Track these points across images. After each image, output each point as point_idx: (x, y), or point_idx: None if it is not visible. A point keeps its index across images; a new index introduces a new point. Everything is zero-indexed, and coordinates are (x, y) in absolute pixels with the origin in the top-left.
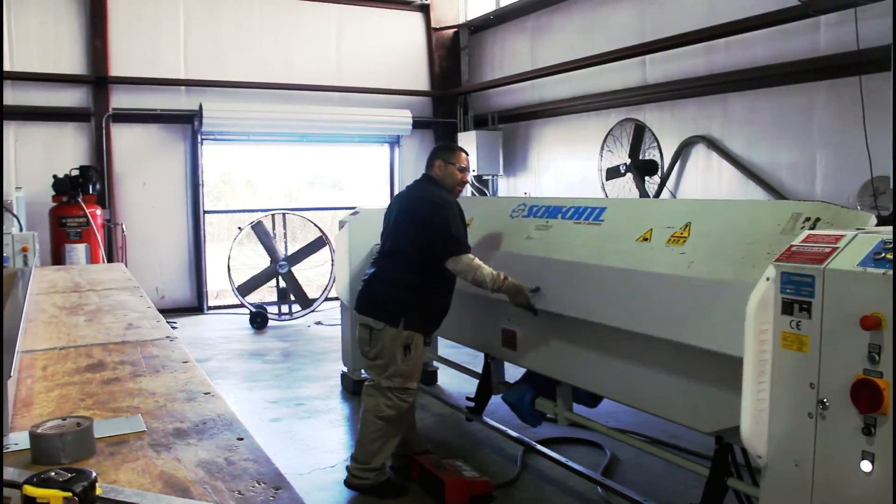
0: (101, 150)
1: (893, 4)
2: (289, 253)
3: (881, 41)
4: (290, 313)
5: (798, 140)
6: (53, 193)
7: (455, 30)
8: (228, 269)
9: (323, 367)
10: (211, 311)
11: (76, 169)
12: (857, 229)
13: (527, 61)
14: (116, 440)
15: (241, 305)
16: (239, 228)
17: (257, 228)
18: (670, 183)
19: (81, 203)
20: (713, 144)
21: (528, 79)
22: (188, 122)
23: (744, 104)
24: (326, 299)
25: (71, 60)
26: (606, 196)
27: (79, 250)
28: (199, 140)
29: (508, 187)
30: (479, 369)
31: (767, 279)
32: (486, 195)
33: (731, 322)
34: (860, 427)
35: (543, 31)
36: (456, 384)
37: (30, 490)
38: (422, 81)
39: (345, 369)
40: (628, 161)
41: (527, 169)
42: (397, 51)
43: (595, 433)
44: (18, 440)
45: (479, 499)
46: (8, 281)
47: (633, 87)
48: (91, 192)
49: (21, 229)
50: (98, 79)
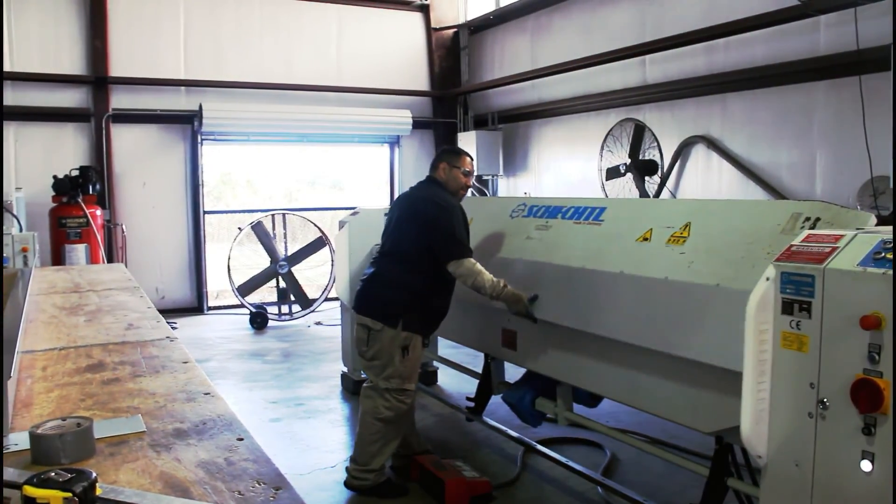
0: (100, 150)
1: (893, 4)
2: (289, 253)
3: (881, 41)
4: (290, 313)
5: (798, 140)
6: (53, 194)
7: (455, 30)
8: (228, 270)
9: (323, 367)
10: (211, 312)
11: (76, 169)
12: (857, 229)
13: (527, 61)
14: (116, 440)
15: (241, 306)
16: (239, 229)
17: (257, 229)
18: (670, 183)
19: (81, 203)
20: (713, 144)
21: (527, 79)
22: (188, 123)
23: (743, 104)
24: (326, 299)
25: (71, 61)
26: (606, 196)
27: (79, 251)
28: (199, 140)
29: (508, 187)
30: (479, 369)
31: (767, 279)
32: (486, 195)
33: (726, 334)
34: (860, 427)
35: (543, 31)
36: (456, 384)
37: (30, 490)
38: (422, 81)
39: (345, 369)
40: (628, 161)
41: (527, 169)
42: (397, 51)
43: (595, 433)
44: (18, 440)
45: (480, 499)
46: (8, 281)
47: (633, 87)
48: (91, 192)
49: (21, 230)
50: (98, 79)
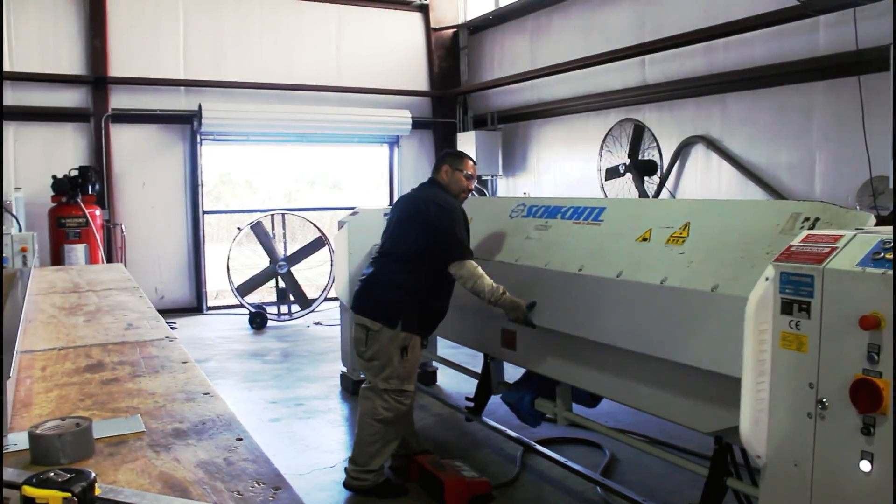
0: (100, 150)
1: (893, 4)
2: (288, 253)
3: (880, 41)
4: (289, 313)
5: (797, 140)
6: (53, 194)
7: (454, 30)
8: (228, 270)
9: (322, 367)
10: (210, 312)
11: (75, 169)
12: (857, 229)
13: (526, 61)
14: (115, 440)
15: (241, 306)
16: (238, 229)
17: (256, 229)
18: (669, 183)
19: (81, 203)
20: (712, 144)
21: (527, 79)
22: (187, 123)
23: (743, 104)
24: (326, 299)
25: (70, 61)
26: (606, 196)
27: (78, 251)
28: (199, 140)
29: (508, 187)
30: (478, 369)
31: (766, 279)
32: (485, 195)
33: (724, 339)
34: (859, 427)
35: (543, 32)
36: (455, 384)
37: (29, 490)
38: (421, 81)
39: (344, 369)
40: (627, 161)
41: (526, 169)
42: (397, 51)
43: (594, 433)
44: (17, 441)
45: (479, 499)
46: (7, 281)
47: (633, 87)
48: (90, 192)
49: (20, 230)
50: (97, 79)
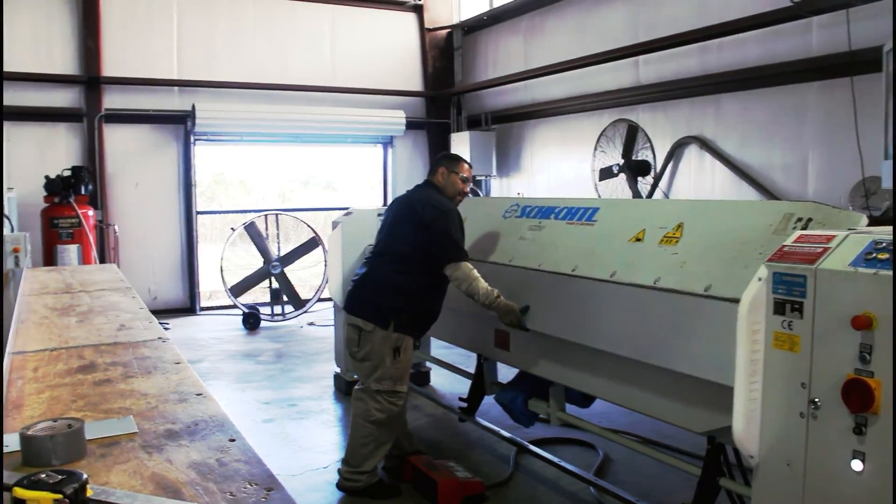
0: (93, 150)
1: (893, 4)
2: (282, 254)
3: (873, 42)
4: (282, 314)
5: (790, 140)
6: (45, 194)
7: (448, 30)
8: (221, 270)
9: (315, 367)
10: (203, 312)
11: (68, 169)
12: (849, 229)
13: (520, 62)
14: (108, 442)
15: (234, 306)
16: (232, 229)
17: (250, 229)
18: (663, 183)
19: (73, 204)
20: (706, 145)
21: (521, 79)
22: (181, 123)
23: (736, 105)
24: (319, 300)
25: (63, 60)
26: (599, 196)
27: (71, 251)
28: (192, 140)
29: (502, 188)
30: (471, 370)
31: (759, 279)
32: (479, 196)
33: (717, 347)
34: (851, 426)
35: (537, 32)
36: (449, 385)
37: (20, 492)
38: (415, 82)
39: (337, 370)
40: (621, 161)
41: (520, 169)
42: (391, 51)
43: (587, 433)
44: (9, 442)
45: (472, 499)
46: None
47: (627, 87)
48: (83, 192)
49: (12, 230)
50: (90, 79)
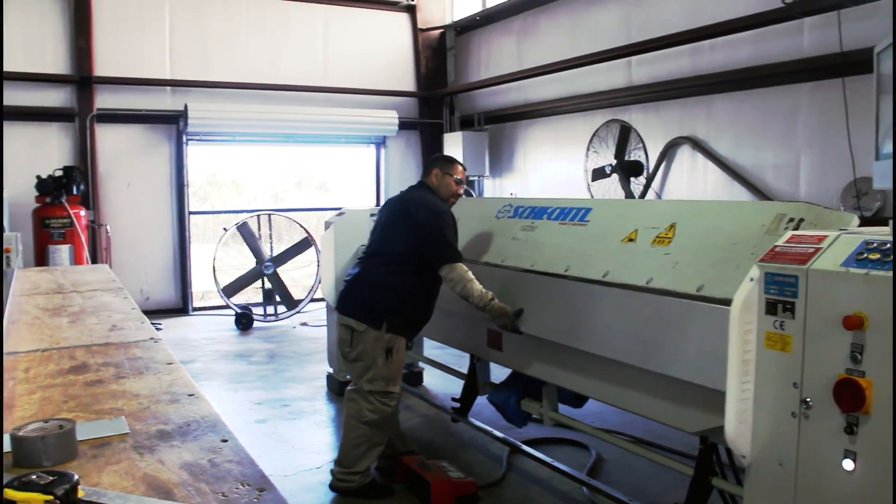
0: (85, 150)
1: (893, 4)
2: (274, 254)
3: (864, 43)
4: (275, 314)
5: (782, 141)
6: (37, 194)
7: (441, 30)
8: (213, 270)
9: (308, 368)
10: (196, 313)
11: (60, 169)
12: (840, 230)
13: (513, 62)
14: (99, 442)
15: (227, 307)
16: (224, 229)
17: (243, 229)
18: (656, 184)
19: (65, 204)
20: (698, 145)
21: (514, 80)
22: (173, 123)
23: (729, 105)
24: (312, 300)
25: (55, 60)
26: (592, 197)
27: (62, 251)
28: (185, 140)
29: (494, 188)
30: (464, 370)
31: (751, 279)
32: (472, 196)
33: (708, 351)
34: (843, 426)
35: (529, 32)
36: (441, 385)
37: (10, 494)
38: (408, 82)
39: (330, 370)
40: (614, 162)
41: (513, 170)
42: (384, 51)
43: (580, 433)
44: None
45: (465, 499)
46: None
47: (619, 88)
48: (75, 192)
49: (4, 230)
50: (82, 79)
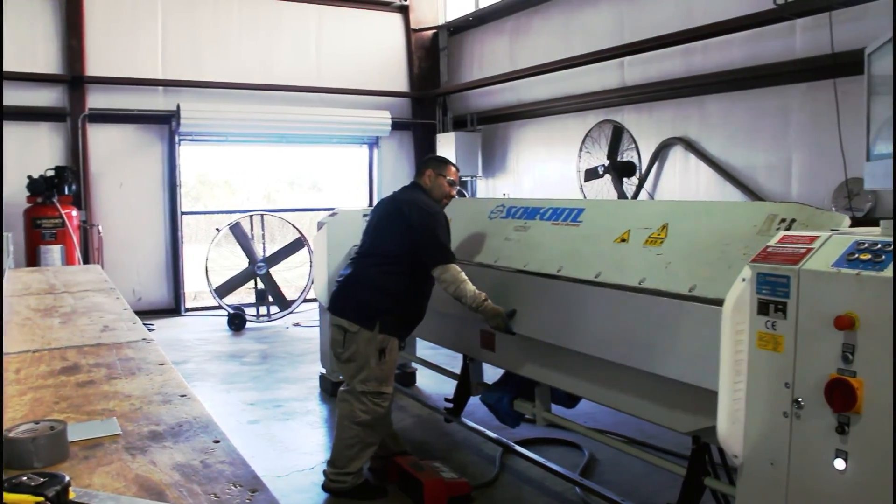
0: (77, 150)
1: (893, 4)
2: (267, 254)
3: (855, 45)
4: (268, 315)
5: (774, 142)
6: (28, 194)
7: (434, 31)
8: (206, 271)
9: (301, 368)
10: (188, 313)
11: (51, 169)
12: (832, 230)
13: (506, 63)
14: (91, 443)
15: (219, 307)
16: (217, 230)
17: (235, 230)
18: (648, 184)
19: (57, 204)
20: (691, 146)
21: (507, 80)
22: (166, 123)
23: (721, 106)
24: (305, 301)
25: (46, 59)
26: (585, 197)
27: (54, 252)
28: (177, 140)
29: (487, 188)
30: (457, 370)
31: (743, 280)
32: (465, 196)
33: (701, 351)
34: (834, 426)
35: (522, 33)
36: (434, 385)
37: None
38: (401, 82)
39: (323, 371)
40: (606, 162)
41: (506, 170)
42: (376, 52)
43: (573, 433)
44: None
45: (458, 500)
46: None
47: (612, 88)
48: (67, 192)
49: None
50: (74, 78)
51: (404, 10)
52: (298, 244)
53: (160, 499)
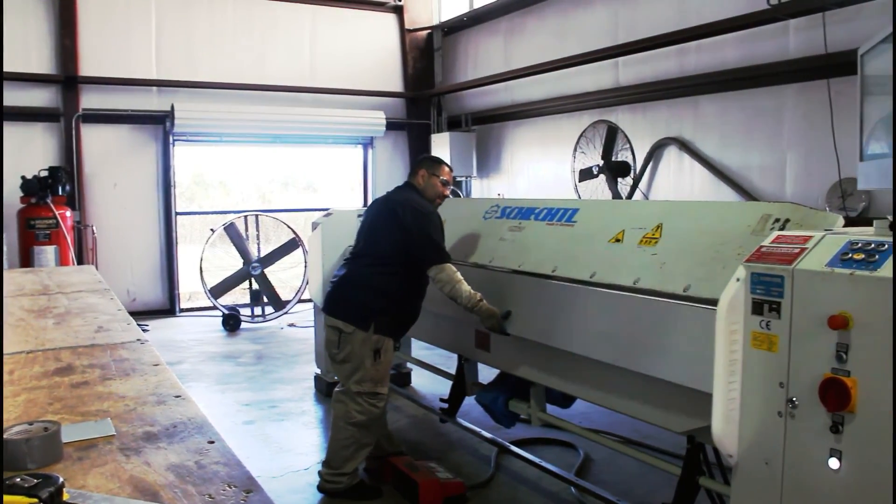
0: (71, 150)
1: (893, 3)
2: (262, 255)
3: (848, 45)
4: (262, 315)
5: (768, 142)
6: (22, 195)
7: (429, 31)
8: (201, 271)
9: (296, 369)
10: (183, 314)
11: (45, 170)
12: (826, 230)
13: (500, 63)
14: (85, 445)
15: (214, 308)
16: (211, 230)
17: (230, 230)
18: (643, 184)
19: (51, 204)
20: (685, 146)
21: (501, 80)
22: (160, 123)
23: (715, 106)
24: (299, 301)
25: (40, 60)
26: (579, 197)
27: (48, 252)
28: (171, 141)
29: (482, 189)
30: (452, 371)
31: (738, 280)
32: (459, 196)
33: (695, 353)
34: (828, 425)
35: (517, 33)
36: (430, 386)
37: None
38: (395, 83)
39: (318, 371)
40: (601, 162)
41: (500, 170)
42: (371, 52)
43: (568, 433)
44: None
45: (453, 500)
46: None
47: (606, 88)
48: (61, 193)
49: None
50: (68, 78)
51: (398, 11)
52: (293, 244)
53: (154, 500)
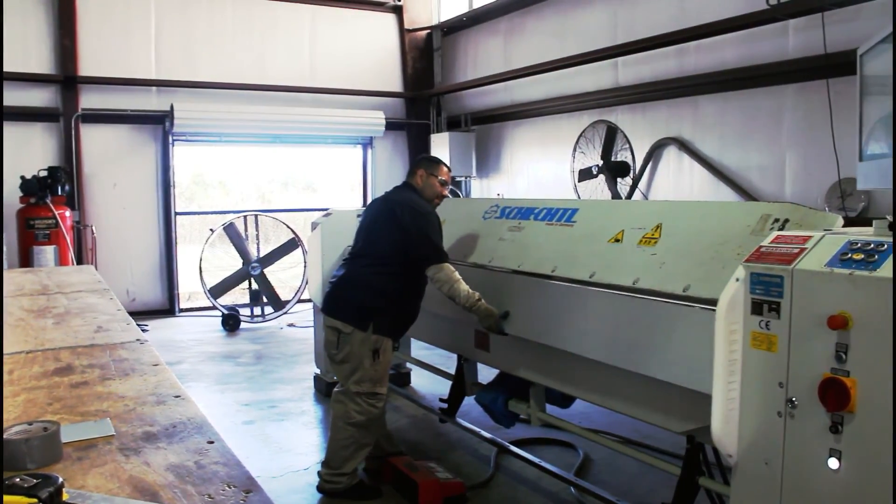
0: (70, 150)
1: (893, 3)
2: (261, 255)
3: (847, 45)
4: (262, 315)
5: (767, 142)
6: (21, 195)
7: (428, 31)
8: (200, 271)
9: (296, 369)
10: (182, 314)
11: (45, 170)
12: (825, 230)
13: (500, 63)
14: (84, 445)
15: (213, 308)
16: (211, 230)
17: (229, 230)
18: (642, 184)
19: (50, 204)
20: (684, 146)
21: (501, 80)
22: (159, 123)
23: (714, 106)
24: (299, 301)
25: (39, 60)
26: (579, 197)
27: (47, 252)
28: (171, 141)
29: (482, 189)
30: (452, 371)
31: (737, 280)
32: (458, 196)
33: (694, 354)
34: (828, 425)
35: (516, 33)
36: (429, 386)
37: None
38: (395, 83)
39: (317, 371)
40: (600, 162)
41: (500, 170)
42: (370, 52)
43: (568, 434)
44: None
45: (453, 500)
46: None
47: (606, 88)
48: (60, 193)
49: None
50: (67, 78)
51: (398, 11)
52: (293, 244)
53: (154, 500)
